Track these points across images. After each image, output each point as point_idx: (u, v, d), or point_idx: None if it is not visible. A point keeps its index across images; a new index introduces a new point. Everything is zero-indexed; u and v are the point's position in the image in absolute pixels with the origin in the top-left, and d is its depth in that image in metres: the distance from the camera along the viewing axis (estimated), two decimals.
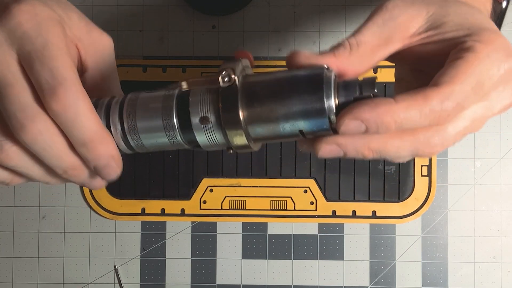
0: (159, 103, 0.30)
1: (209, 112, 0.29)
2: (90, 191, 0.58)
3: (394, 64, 0.34)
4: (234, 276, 0.58)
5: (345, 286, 0.58)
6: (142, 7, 0.58)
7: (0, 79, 0.27)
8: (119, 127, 0.30)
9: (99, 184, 0.31)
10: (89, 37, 0.32)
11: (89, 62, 0.32)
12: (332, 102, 0.27)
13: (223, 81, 0.28)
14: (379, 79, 0.57)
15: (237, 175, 0.58)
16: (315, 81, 0.27)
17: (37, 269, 0.59)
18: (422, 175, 0.57)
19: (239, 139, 0.29)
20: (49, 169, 0.30)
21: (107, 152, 0.29)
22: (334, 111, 0.27)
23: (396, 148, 0.28)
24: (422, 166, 0.57)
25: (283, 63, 0.57)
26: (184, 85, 0.30)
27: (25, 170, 0.30)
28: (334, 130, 0.28)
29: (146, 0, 0.58)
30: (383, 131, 0.27)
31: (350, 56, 0.29)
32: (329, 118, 0.27)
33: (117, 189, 0.58)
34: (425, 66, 0.31)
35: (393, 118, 0.26)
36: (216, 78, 0.28)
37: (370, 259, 0.58)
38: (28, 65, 0.27)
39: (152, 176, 0.58)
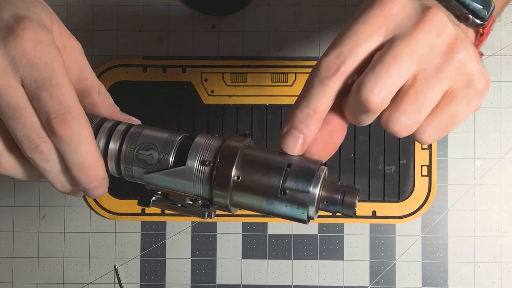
0: (162, 139, 0.32)
1: (207, 160, 0.30)
2: None
3: None
4: (234, 276, 0.58)
5: (345, 286, 0.58)
6: (142, 7, 0.58)
7: (11, 102, 0.29)
8: (115, 155, 0.32)
9: (97, 192, 0.33)
10: (62, 41, 0.33)
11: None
12: (317, 194, 0.29)
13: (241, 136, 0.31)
14: None
15: None
16: (308, 172, 0.30)
17: (37, 269, 0.59)
18: (422, 175, 0.57)
19: (222, 199, 0.31)
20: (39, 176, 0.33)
21: (100, 176, 0.31)
22: (315, 204, 0.30)
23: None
24: (422, 166, 0.57)
25: (284, 63, 0.57)
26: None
27: (15, 176, 0.32)
28: (307, 221, 0.31)
29: (146, 0, 0.58)
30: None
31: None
32: (308, 210, 0.30)
33: (117, 189, 0.58)
34: None
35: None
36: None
37: (370, 259, 0.58)
38: (35, 92, 0.29)
39: None
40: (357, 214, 0.57)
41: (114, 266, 0.58)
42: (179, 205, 0.32)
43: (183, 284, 0.58)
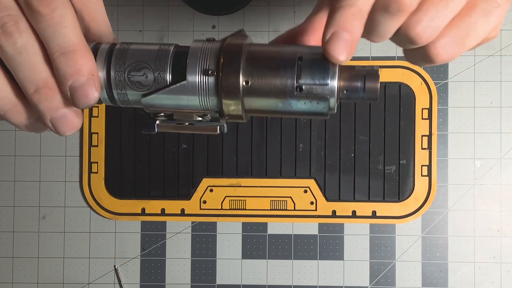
0: (152, 53, 0.28)
1: (208, 68, 0.27)
2: (90, 191, 0.58)
3: (394, 64, 0.33)
4: (234, 276, 0.58)
5: (345, 286, 0.58)
6: (142, 7, 0.58)
7: None
8: (104, 81, 0.28)
9: (68, 122, 0.27)
10: None
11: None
12: (335, 85, 0.27)
13: (234, 38, 0.27)
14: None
15: (237, 175, 0.58)
16: (322, 62, 0.27)
17: (37, 269, 0.59)
18: (422, 175, 0.57)
19: (233, 109, 0.27)
20: (18, 90, 0.27)
21: (87, 67, 0.26)
22: (336, 95, 0.27)
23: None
24: (422, 166, 0.57)
25: None
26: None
27: None
28: (328, 114, 0.28)
29: (146, 0, 0.58)
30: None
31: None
32: (329, 103, 0.27)
33: (117, 189, 0.58)
34: None
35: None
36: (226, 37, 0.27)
37: (370, 259, 0.58)
38: None
39: (152, 176, 0.58)
40: (357, 214, 0.57)
41: (114, 266, 0.58)
42: (187, 123, 0.29)
43: (183, 284, 0.58)
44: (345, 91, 0.27)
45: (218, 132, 0.29)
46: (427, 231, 0.57)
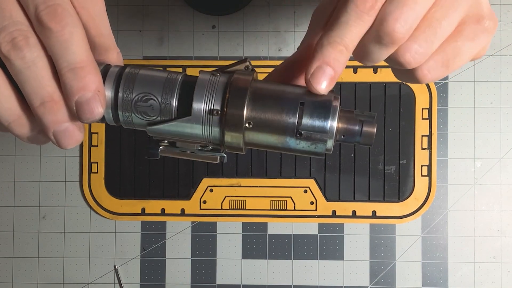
0: (160, 82, 0.29)
1: (214, 103, 0.28)
2: (90, 191, 0.58)
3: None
4: (234, 276, 0.58)
5: (345, 286, 0.58)
6: (142, 7, 0.58)
7: None
8: (111, 102, 0.29)
9: (71, 136, 0.28)
10: None
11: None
12: (334, 130, 0.28)
13: (245, 69, 0.29)
14: (379, 79, 0.57)
15: (237, 175, 0.58)
16: (323, 109, 0.28)
17: (37, 269, 0.59)
18: (422, 175, 0.57)
19: (235, 141, 0.29)
20: (23, 102, 0.27)
21: (94, 84, 0.26)
22: (333, 138, 0.28)
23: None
24: (422, 166, 0.57)
25: None
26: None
27: None
28: (324, 155, 0.29)
29: (146, 0, 0.58)
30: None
31: None
32: (326, 145, 0.28)
33: (117, 189, 0.58)
34: None
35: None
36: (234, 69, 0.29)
37: (370, 259, 0.58)
38: None
39: (152, 176, 0.58)
40: (357, 214, 0.57)
41: (114, 266, 0.58)
42: (189, 152, 0.30)
43: (183, 284, 0.58)
44: (342, 136, 0.29)
45: (218, 161, 0.31)
46: (427, 231, 0.57)
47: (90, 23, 0.29)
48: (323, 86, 0.28)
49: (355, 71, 0.57)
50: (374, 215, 0.57)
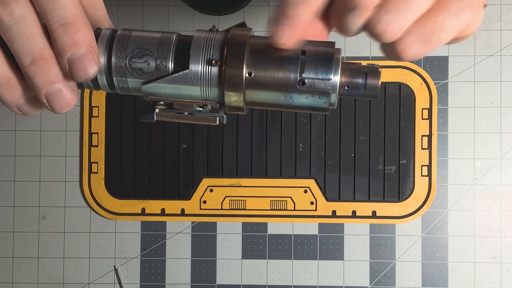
0: (155, 41, 0.27)
1: (212, 57, 0.27)
2: (90, 191, 0.58)
3: (394, 64, 0.33)
4: (234, 276, 0.58)
5: (345, 286, 0.58)
6: (142, 7, 0.58)
7: None
8: (104, 67, 0.27)
9: (64, 98, 0.26)
10: None
11: None
12: (338, 80, 0.27)
13: (238, 29, 0.27)
14: None
15: (237, 175, 0.58)
16: (325, 58, 0.27)
17: (37, 269, 0.59)
18: (422, 175, 0.57)
19: (235, 100, 0.27)
20: (13, 64, 0.26)
21: (87, 39, 0.25)
22: (337, 90, 0.27)
23: None
24: (422, 166, 0.57)
25: None
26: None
27: None
28: (328, 110, 0.28)
29: (146, 0, 0.58)
30: None
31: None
32: (330, 98, 0.27)
33: (117, 189, 0.58)
34: None
35: None
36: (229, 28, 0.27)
37: (370, 259, 0.58)
38: None
39: (152, 176, 0.58)
40: (357, 214, 0.57)
41: (114, 266, 0.58)
42: (186, 113, 0.29)
43: (183, 284, 0.58)
44: (346, 87, 0.27)
45: (217, 123, 0.29)
46: (427, 231, 0.57)
47: None
48: (282, 38, 0.26)
49: None
50: (374, 215, 0.57)
